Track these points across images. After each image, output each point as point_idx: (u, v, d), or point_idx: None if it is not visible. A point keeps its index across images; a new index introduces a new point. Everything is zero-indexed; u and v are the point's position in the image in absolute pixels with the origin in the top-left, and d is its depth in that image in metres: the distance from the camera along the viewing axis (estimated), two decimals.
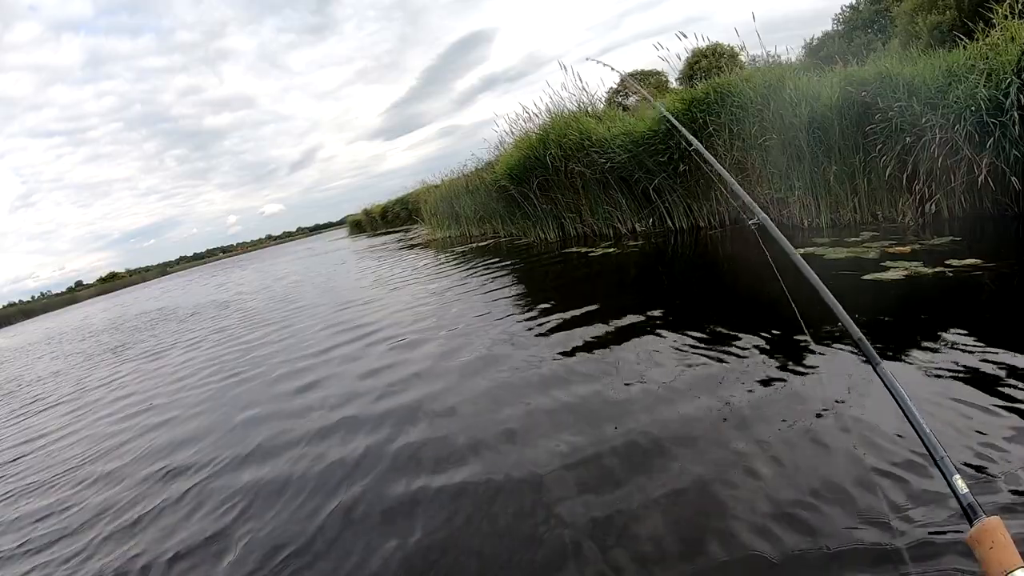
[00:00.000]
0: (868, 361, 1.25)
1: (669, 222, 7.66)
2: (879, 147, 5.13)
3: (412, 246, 16.18)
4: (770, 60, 7.02)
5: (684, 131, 2.59)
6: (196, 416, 4.37)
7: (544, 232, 9.91)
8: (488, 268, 8.05)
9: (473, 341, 4.42)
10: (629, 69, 9.88)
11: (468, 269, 8.44)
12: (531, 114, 10.32)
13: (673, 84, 14.14)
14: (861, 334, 1.29)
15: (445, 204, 16.26)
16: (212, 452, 3.49)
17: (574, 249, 8.13)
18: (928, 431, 1.02)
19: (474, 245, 11.95)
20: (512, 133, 11.17)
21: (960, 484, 0.89)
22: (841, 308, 1.35)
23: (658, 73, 14.58)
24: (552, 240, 9.61)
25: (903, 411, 1.07)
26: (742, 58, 9.62)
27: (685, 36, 7.24)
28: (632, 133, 7.67)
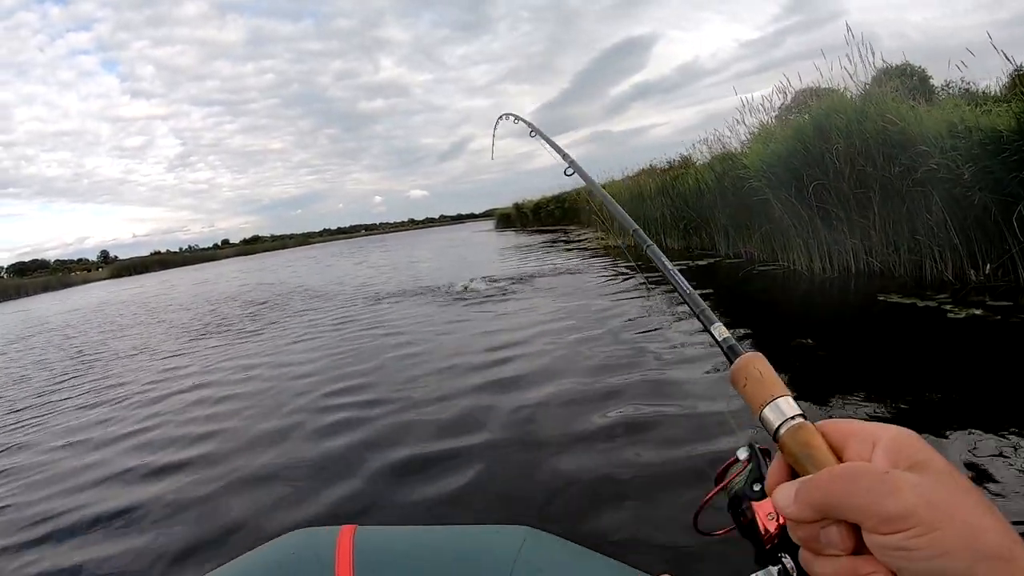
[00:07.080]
0: None
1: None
2: None
3: (589, 253, 14.83)
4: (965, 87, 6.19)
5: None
6: None
7: (802, 258, 7.96)
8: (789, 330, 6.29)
9: None
10: (798, 87, 8.32)
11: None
12: (792, 93, 8.49)
13: None
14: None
15: (625, 206, 14.81)
16: None
17: (896, 298, 5.57)
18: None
19: (689, 263, 10.17)
20: (742, 120, 9.20)
21: (720, 330, 0.68)
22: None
23: (837, 91, 12.79)
24: (819, 272, 7.56)
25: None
26: (934, 83, 8.30)
27: None
28: (973, 130, 5.33)
